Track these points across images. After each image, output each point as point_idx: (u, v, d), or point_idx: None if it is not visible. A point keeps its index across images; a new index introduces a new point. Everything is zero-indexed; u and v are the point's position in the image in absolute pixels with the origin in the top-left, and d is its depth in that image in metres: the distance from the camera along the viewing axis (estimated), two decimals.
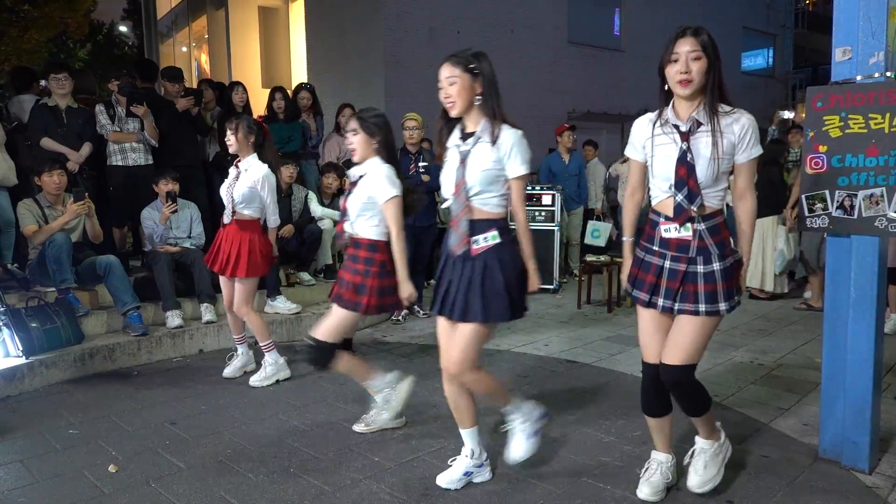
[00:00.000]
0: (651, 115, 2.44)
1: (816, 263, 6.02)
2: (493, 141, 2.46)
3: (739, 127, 2.30)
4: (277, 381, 4.08)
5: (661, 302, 2.41)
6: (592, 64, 14.09)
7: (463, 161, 2.49)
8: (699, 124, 2.31)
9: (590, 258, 6.59)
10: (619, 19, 14.85)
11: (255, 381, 4.04)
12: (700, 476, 2.58)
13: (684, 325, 2.39)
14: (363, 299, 3.07)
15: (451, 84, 2.47)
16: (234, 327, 4.24)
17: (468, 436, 2.73)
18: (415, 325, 5.65)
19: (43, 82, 5.88)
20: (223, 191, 4.05)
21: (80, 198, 4.54)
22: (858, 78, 2.71)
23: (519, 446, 2.77)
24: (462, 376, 2.58)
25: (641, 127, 2.46)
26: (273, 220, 4.13)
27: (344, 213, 3.16)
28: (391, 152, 3.18)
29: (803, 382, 4.01)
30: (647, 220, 2.50)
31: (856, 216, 2.71)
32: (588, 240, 7.27)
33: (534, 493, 2.66)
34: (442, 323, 2.64)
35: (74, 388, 4.03)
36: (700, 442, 2.64)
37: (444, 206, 3.35)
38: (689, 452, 2.67)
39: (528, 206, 7.10)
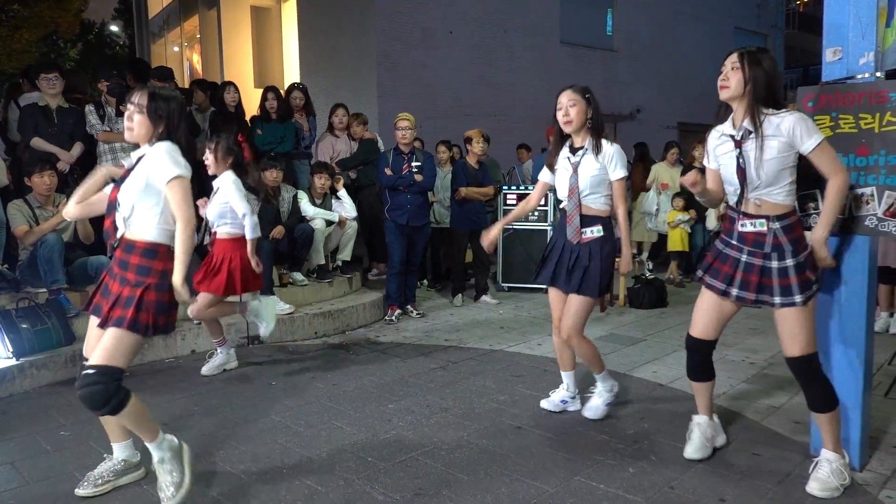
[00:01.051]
0: (719, 127, 2.74)
1: None
2: (597, 152, 3.18)
3: (786, 126, 2.50)
4: (224, 370, 4.30)
5: (734, 292, 2.66)
6: (585, 64, 14.12)
7: (575, 170, 3.20)
8: (749, 132, 2.56)
9: None
10: (612, 19, 14.89)
11: (264, 334, 4.36)
12: (821, 481, 2.61)
13: (783, 318, 2.62)
14: (129, 313, 2.43)
15: (573, 106, 3.17)
16: (211, 331, 4.36)
17: (567, 376, 3.53)
18: (408, 324, 5.65)
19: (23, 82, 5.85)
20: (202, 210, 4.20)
21: None
22: (848, 78, 2.73)
23: (595, 408, 3.42)
24: (571, 339, 3.26)
25: (711, 139, 2.78)
26: (250, 229, 4.07)
27: (112, 206, 2.55)
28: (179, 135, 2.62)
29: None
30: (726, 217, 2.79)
31: (847, 215, 2.73)
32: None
33: (527, 493, 2.66)
34: (555, 293, 3.36)
35: (65, 389, 4.00)
36: (825, 453, 2.67)
37: (560, 205, 3.42)
38: (815, 462, 2.70)
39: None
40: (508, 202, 7.06)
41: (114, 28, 31.15)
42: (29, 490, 2.73)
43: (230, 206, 4.08)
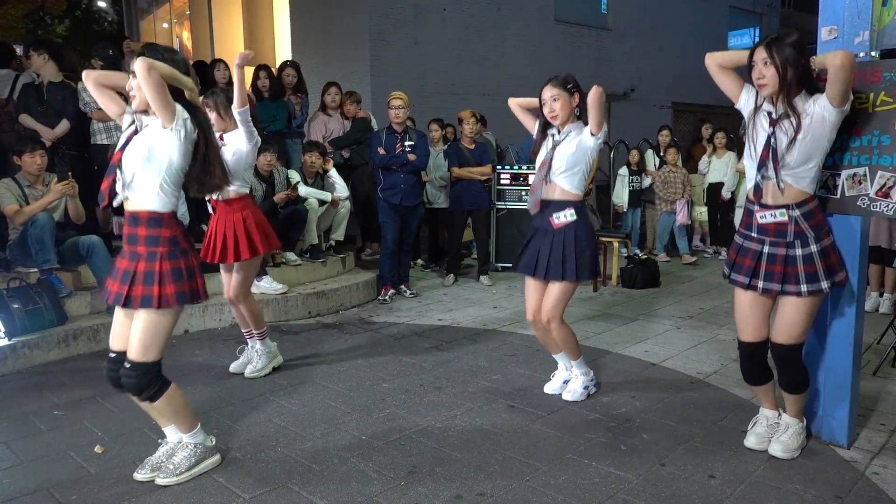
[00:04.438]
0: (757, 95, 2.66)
1: None
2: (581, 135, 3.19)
3: (820, 103, 2.49)
4: (274, 369, 3.92)
5: (761, 284, 2.64)
6: (579, 42, 14.00)
7: (555, 147, 3.20)
8: (786, 114, 2.52)
9: None
10: None
11: (249, 372, 3.84)
12: (784, 444, 2.78)
13: (789, 307, 2.64)
14: (153, 290, 2.43)
15: (556, 101, 3.17)
16: (241, 320, 3.94)
17: (560, 358, 3.54)
18: (402, 304, 5.66)
19: (19, 49, 5.75)
20: None
21: (65, 177, 4.47)
22: None
23: (575, 391, 3.44)
24: (551, 323, 3.29)
25: (752, 93, 2.66)
26: (249, 135, 3.71)
27: (113, 168, 2.51)
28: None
29: None
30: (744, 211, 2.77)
31: (838, 195, 2.74)
32: None
33: (519, 470, 2.69)
34: (531, 283, 3.37)
35: (58, 369, 4.00)
36: (786, 418, 2.85)
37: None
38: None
39: (514, 185, 7.13)
40: (502, 181, 7.05)
41: (102, 4, 30.64)
42: (23, 469, 2.73)
43: (241, 158, 3.71)
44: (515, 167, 7.21)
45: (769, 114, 2.58)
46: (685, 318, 5.14)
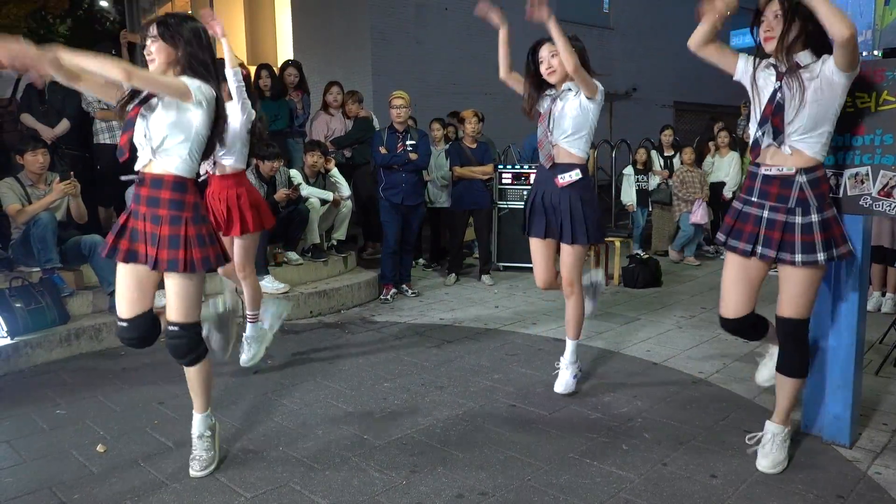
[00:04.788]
0: (753, 58, 2.56)
1: None
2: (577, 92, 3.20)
3: (828, 66, 2.37)
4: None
5: (760, 250, 2.54)
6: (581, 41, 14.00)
7: (559, 110, 3.23)
8: (798, 66, 2.40)
9: None
10: None
11: (245, 362, 3.86)
12: (772, 459, 2.67)
13: (789, 277, 2.56)
14: (179, 254, 2.47)
15: (553, 56, 3.17)
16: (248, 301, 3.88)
17: (570, 345, 3.53)
18: (403, 303, 5.66)
19: None
20: None
21: (67, 177, 4.48)
22: None
23: (566, 383, 3.48)
24: (573, 285, 3.41)
25: (746, 61, 2.57)
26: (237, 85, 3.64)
27: (131, 123, 2.49)
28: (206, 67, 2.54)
29: None
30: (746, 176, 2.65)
31: (841, 195, 2.73)
32: None
33: (521, 469, 2.69)
34: (539, 243, 3.45)
35: (60, 368, 4.00)
36: (770, 426, 2.72)
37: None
38: (759, 436, 2.74)
39: (514, 185, 7.13)
40: (503, 181, 7.05)
41: (103, 3, 30.65)
42: (25, 468, 2.74)
43: (235, 132, 3.59)
44: (517, 167, 7.21)
45: (775, 67, 2.46)
46: (687, 317, 5.14)
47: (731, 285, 2.65)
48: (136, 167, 2.56)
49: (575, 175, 3.27)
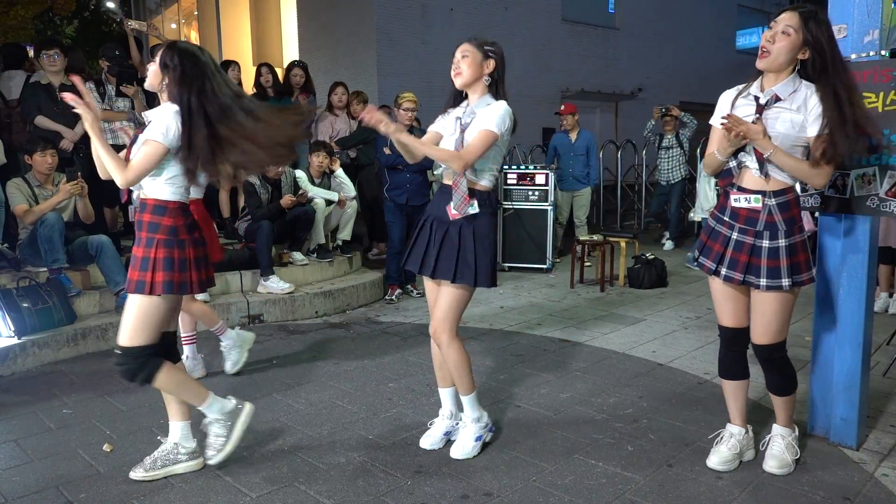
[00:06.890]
0: (739, 87, 2.53)
1: None
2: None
3: (813, 102, 2.33)
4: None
5: (724, 271, 2.52)
6: (586, 42, 13.99)
7: (462, 131, 2.68)
8: (777, 99, 2.38)
9: (582, 237, 6.62)
10: None
11: (230, 369, 3.84)
12: (778, 458, 2.65)
13: (758, 302, 2.52)
14: (146, 276, 2.45)
15: (464, 58, 2.67)
16: (187, 323, 3.83)
17: (445, 395, 2.92)
18: (408, 304, 5.66)
19: (31, 51, 5.77)
20: None
21: (73, 177, 4.50)
22: (853, 56, 2.70)
23: (463, 446, 2.79)
24: (440, 336, 2.71)
25: (725, 99, 2.56)
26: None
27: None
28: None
29: (793, 360, 3.99)
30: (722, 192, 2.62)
31: (848, 195, 2.72)
32: None
33: (526, 470, 2.68)
34: (430, 283, 2.84)
35: (67, 368, 4.02)
36: (777, 428, 2.71)
37: (437, 171, 3.05)
38: (767, 439, 2.74)
39: (521, 185, 7.10)
40: (508, 181, 7.05)
41: (110, 5, 30.77)
42: (33, 467, 2.75)
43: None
44: (522, 167, 7.20)
45: (756, 98, 2.42)
46: (693, 318, 5.13)
47: (722, 299, 2.64)
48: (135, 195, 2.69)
49: (471, 209, 2.65)
